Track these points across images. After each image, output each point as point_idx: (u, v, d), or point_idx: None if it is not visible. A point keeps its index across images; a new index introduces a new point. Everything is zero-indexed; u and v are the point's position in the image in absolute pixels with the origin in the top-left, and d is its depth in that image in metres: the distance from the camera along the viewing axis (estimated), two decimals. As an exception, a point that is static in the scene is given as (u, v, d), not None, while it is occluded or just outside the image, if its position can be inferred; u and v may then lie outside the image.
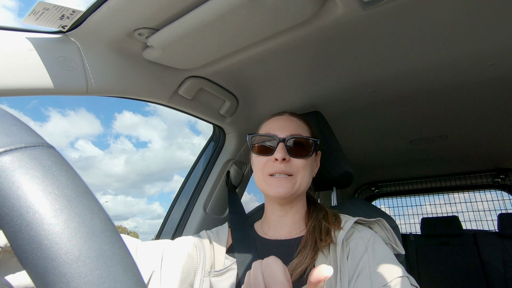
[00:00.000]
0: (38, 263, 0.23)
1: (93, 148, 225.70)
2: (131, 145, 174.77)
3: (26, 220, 0.23)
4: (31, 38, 0.74)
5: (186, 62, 0.99)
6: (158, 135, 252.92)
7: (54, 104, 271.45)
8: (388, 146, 2.06)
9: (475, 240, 2.54)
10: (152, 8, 0.75)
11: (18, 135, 0.26)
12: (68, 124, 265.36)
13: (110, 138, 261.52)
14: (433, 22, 0.87)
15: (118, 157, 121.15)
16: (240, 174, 1.44)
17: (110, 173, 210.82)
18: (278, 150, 0.84)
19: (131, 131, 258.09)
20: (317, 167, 0.98)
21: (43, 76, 0.74)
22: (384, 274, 0.68)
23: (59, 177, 0.26)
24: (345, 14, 0.81)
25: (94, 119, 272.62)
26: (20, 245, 0.23)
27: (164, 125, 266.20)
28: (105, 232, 0.26)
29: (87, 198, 0.27)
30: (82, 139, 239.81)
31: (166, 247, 0.84)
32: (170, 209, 1.36)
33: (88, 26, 0.79)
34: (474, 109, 1.45)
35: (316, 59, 1.06)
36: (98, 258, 0.24)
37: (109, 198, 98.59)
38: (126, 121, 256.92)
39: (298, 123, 0.93)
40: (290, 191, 0.84)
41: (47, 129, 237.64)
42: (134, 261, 0.27)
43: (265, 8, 0.74)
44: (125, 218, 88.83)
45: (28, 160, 0.25)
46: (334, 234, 0.79)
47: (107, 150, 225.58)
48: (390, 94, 1.29)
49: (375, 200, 3.40)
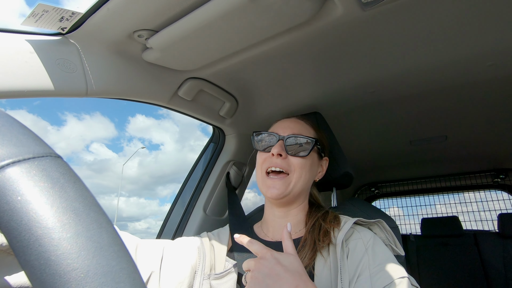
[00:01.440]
0: (46, 279, 0.22)
1: (107, 151, 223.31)
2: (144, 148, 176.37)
3: (35, 235, 0.23)
4: (31, 40, 0.74)
5: (186, 64, 0.99)
6: (170, 137, 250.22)
7: (71, 109, 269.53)
8: (388, 147, 2.06)
9: (476, 240, 2.54)
10: (152, 9, 0.75)
11: (26, 145, 0.26)
12: (84, 128, 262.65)
13: (123, 141, 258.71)
14: (432, 22, 0.87)
15: (131, 159, 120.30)
16: (240, 175, 1.44)
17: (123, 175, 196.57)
18: (276, 146, 0.87)
19: (144, 134, 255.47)
20: (321, 172, 0.98)
21: (42, 78, 0.74)
22: (385, 275, 0.68)
23: (67, 190, 0.26)
24: (345, 15, 0.81)
25: (108, 123, 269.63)
26: (28, 260, 0.23)
27: (176, 128, 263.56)
28: (113, 247, 0.25)
29: (95, 211, 0.27)
30: (97, 142, 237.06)
31: (167, 247, 0.84)
32: (170, 210, 1.36)
33: (88, 28, 0.79)
34: (474, 109, 1.45)
35: (315, 60, 1.06)
36: (106, 274, 0.23)
37: (122, 199, 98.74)
38: (139, 124, 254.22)
39: (303, 125, 0.95)
40: (284, 192, 0.84)
41: (64, 133, 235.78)
42: (141, 277, 0.27)
43: (264, 10, 0.74)
44: (137, 219, 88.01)
45: (36, 172, 0.25)
46: (334, 235, 0.79)
47: (121, 153, 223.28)
48: (390, 95, 1.29)
49: (375, 201, 3.40)
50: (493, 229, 2.90)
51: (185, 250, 0.85)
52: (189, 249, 0.86)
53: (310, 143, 0.89)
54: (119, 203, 28.31)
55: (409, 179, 3.05)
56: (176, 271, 0.79)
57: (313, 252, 0.76)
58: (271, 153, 0.86)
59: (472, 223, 3.04)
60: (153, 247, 0.82)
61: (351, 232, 0.80)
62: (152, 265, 0.77)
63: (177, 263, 0.81)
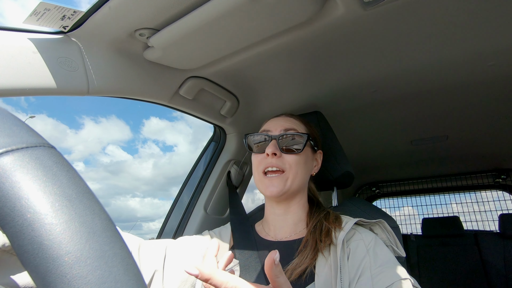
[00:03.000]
0: (40, 263, 0.23)
1: (122, 153, 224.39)
2: (158, 149, 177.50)
3: (28, 220, 0.23)
4: (33, 38, 0.74)
5: (187, 63, 1.00)
6: (184, 139, 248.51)
7: (88, 112, 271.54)
8: (389, 146, 2.06)
9: (476, 240, 2.53)
10: (153, 8, 0.75)
11: (19, 136, 0.26)
12: (101, 131, 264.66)
13: (138, 143, 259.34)
14: (433, 22, 0.87)
15: (146, 161, 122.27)
16: (240, 174, 1.44)
17: (138, 176, 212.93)
18: (269, 146, 0.86)
19: (158, 136, 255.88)
20: (317, 166, 0.98)
21: (44, 76, 0.74)
22: (386, 276, 0.68)
23: (60, 177, 0.26)
24: (346, 14, 0.81)
25: (124, 125, 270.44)
26: (21, 245, 0.23)
27: (189, 130, 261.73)
28: (106, 232, 0.26)
29: (88, 198, 0.27)
30: (113, 145, 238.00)
31: (169, 246, 0.84)
32: (171, 209, 1.36)
33: (89, 26, 0.79)
34: (475, 109, 1.45)
35: (316, 59, 1.06)
36: (99, 259, 0.24)
37: (137, 200, 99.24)
38: (153, 127, 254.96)
39: (293, 122, 0.94)
40: (282, 189, 0.85)
41: (82, 135, 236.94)
42: (135, 262, 0.27)
43: (265, 8, 0.74)
44: (151, 219, 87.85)
45: (29, 160, 0.25)
46: (335, 235, 0.79)
47: (136, 155, 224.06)
48: (391, 94, 1.29)
49: (376, 200, 3.40)
50: (494, 229, 2.89)
51: (188, 249, 0.85)
52: (192, 248, 0.86)
53: (303, 138, 0.89)
54: (133, 203, 28.22)
55: (410, 178, 3.05)
56: (179, 270, 0.79)
57: (314, 252, 0.77)
58: (266, 153, 0.86)
59: (473, 223, 3.04)
60: (156, 247, 0.82)
61: (352, 233, 0.80)
62: (155, 264, 0.78)
63: (180, 262, 0.81)
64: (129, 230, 4.19)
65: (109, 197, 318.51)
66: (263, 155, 0.88)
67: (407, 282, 0.68)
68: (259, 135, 0.92)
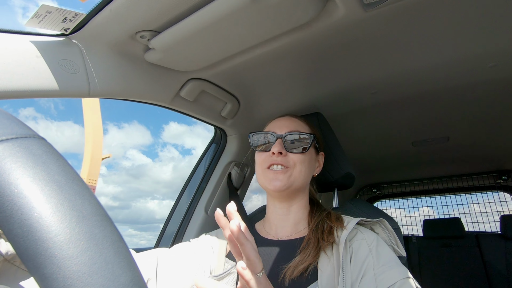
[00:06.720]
0: (29, 245, 0.23)
1: (142, 157, 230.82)
2: (177, 153, 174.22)
3: (17, 205, 0.23)
4: (34, 41, 0.74)
5: (188, 64, 1.00)
6: (202, 142, 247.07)
7: (111, 118, 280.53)
8: (390, 148, 2.06)
9: (478, 241, 2.52)
10: (154, 10, 0.75)
11: (9, 127, 0.27)
12: (124, 136, 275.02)
13: (158, 147, 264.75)
14: (434, 23, 0.87)
15: (166, 164, 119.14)
16: (241, 176, 1.44)
17: (158, 179, 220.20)
18: (275, 145, 0.87)
19: (177, 140, 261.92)
20: (319, 167, 0.99)
21: (45, 78, 0.74)
22: (390, 275, 0.68)
23: (49, 165, 0.26)
24: (346, 16, 0.81)
25: (145, 130, 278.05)
26: (11, 229, 0.23)
27: (207, 133, 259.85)
28: (96, 216, 0.26)
29: (78, 185, 0.27)
30: (133, 149, 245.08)
31: (161, 255, 0.84)
32: (172, 211, 1.36)
33: (90, 28, 0.80)
34: (476, 110, 1.45)
35: (317, 60, 1.06)
36: (89, 241, 0.24)
37: (155, 202, 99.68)
38: (172, 131, 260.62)
39: (298, 122, 0.96)
40: (286, 183, 0.85)
41: (106, 141, 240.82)
42: (126, 245, 0.27)
43: (266, 10, 0.74)
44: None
45: (19, 149, 0.26)
46: (337, 234, 0.79)
47: (157, 159, 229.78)
48: (392, 96, 1.29)
49: (376, 202, 3.39)
50: (495, 230, 2.88)
51: (181, 256, 0.85)
52: (186, 254, 0.86)
53: (308, 139, 0.90)
54: (152, 205, 28.16)
55: (411, 180, 3.04)
56: (173, 277, 0.79)
57: (317, 251, 0.77)
58: (271, 152, 0.87)
59: (474, 224, 3.03)
60: (146, 257, 0.82)
61: (354, 233, 0.80)
62: (147, 273, 0.77)
63: (173, 269, 0.81)
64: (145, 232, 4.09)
65: (130, 200, 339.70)
66: (268, 153, 0.88)
67: (410, 281, 0.68)
68: (264, 134, 0.93)
